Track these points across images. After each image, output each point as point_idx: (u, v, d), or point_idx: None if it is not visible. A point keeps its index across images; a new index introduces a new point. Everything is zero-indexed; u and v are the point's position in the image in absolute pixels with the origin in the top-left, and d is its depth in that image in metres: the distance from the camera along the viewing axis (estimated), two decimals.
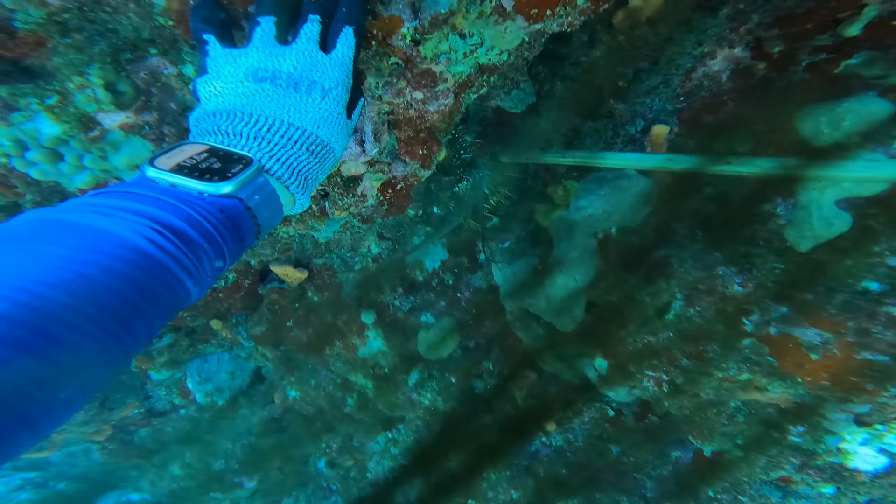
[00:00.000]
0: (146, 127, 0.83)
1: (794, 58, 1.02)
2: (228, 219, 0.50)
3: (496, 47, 0.91)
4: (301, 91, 0.62)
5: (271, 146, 0.60)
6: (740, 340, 0.98)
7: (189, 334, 2.06)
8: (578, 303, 1.09)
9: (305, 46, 0.62)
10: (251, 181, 0.54)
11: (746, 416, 1.09)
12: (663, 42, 1.27)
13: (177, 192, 0.49)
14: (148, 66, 0.79)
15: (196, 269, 0.46)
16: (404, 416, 2.00)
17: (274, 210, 0.60)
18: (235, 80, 0.61)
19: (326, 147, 0.66)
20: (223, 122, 0.60)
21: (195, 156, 0.53)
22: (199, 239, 0.46)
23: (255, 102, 0.60)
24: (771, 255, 0.93)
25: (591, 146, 1.42)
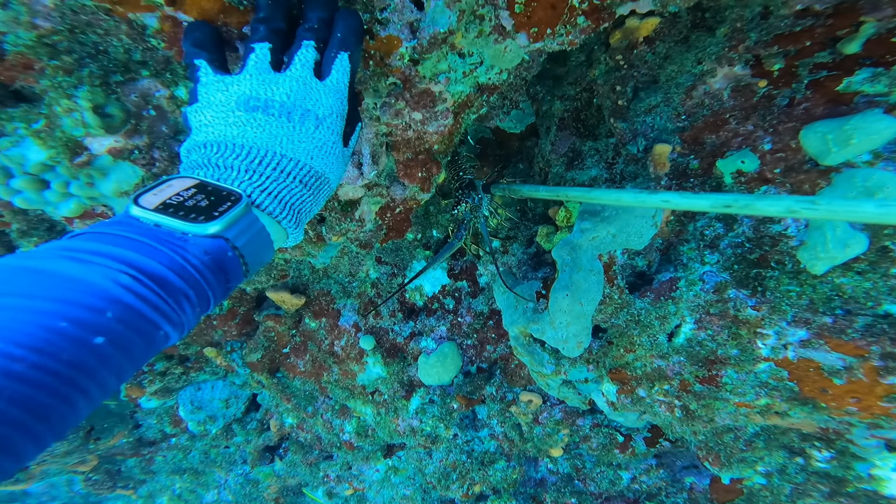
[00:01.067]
0: (136, 151, 0.80)
1: (794, 75, 1.00)
2: (213, 261, 0.48)
3: (496, 66, 0.90)
4: (294, 121, 0.60)
5: (263, 179, 0.58)
6: (756, 365, 0.93)
7: (182, 362, 2.01)
8: (585, 327, 1.05)
9: (300, 73, 0.60)
10: (239, 220, 0.52)
11: (766, 441, 1.03)
12: (662, 61, 1.27)
13: (160, 234, 0.47)
14: (139, 88, 0.76)
15: (176, 313, 0.45)
16: (405, 443, 1.93)
17: (263, 248, 0.57)
18: (227, 109, 0.58)
19: (321, 178, 0.64)
20: (213, 154, 0.58)
21: (182, 192, 0.51)
22: (180, 284, 0.44)
23: (247, 133, 0.58)
24: (784, 277, 0.90)
25: (593, 167, 1.41)
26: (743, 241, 0.99)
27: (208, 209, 0.50)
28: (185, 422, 2.24)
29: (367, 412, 1.88)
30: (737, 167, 1.02)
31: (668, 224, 1.13)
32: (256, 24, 0.61)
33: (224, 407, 2.25)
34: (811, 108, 0.95)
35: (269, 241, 0.58)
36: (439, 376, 1.68)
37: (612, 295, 1.06)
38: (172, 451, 2.49)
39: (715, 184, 1.09)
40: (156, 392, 2.05)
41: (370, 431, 1.98)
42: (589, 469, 1.63)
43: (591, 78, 1.44)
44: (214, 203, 0.51)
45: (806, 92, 0.97)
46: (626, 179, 1.29)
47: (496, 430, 1.71)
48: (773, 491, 1.12)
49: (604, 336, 1.13)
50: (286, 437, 2.36)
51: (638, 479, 1.54)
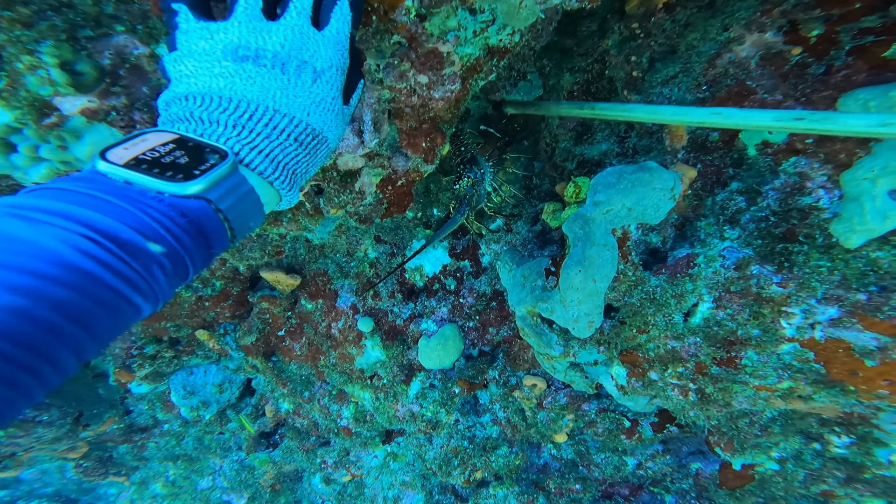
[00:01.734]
0: (113, 112, 0.72)
1: (835, 41, 0.93)
2: (192, 223, 0.43)
3: (509, 25, 0.82)
4: (289, 73, 0.53)
5: (253, 136, 0.52)
6: (779, 346, 0.89)
7: (173, 345, 1.94)
8: (597, 306, 1.00)
9: (295, 21, 0.53)
10: (224, 179, 0.46)
11: (783, 426, 1.00)
12: (682, 29, 1.20)
13: (130, 192, 0.41)
14: (114, 45, 0.69)
15: (146, 282, 0.40)
16: (405, 429, 1.90)
17: (252, 211, 0.51)
18: (211, 58, 0.52)
19: (318, 137, 0.58)
20: (196, 107, 0.51)
21: (158, 147, 0.45)
22: (150, 248, 0.39)
23: (235, 85, 0.52)
24: (814, 252, 0.85)
25: (603, 141, 1.34)
26: (767, 215, 0.94)
27: (188, 167, 0.44)
28: (177, 407, 2.19)
29: (365, 397, 1.83)
30: (762, 138, 0.96)
31: (686, 198, 1.08)
32: None
33: (218, 392, 2.20)
34: (851, 76, 0.89)
35: (259, 203, 0.52)
36: (440, 360, 1.63)
37: (625, 272, 1.01)
38: (165, 437, 2.45)
39: (737, 156, 1.04)
40: (146, 377, 1.98)
41: (368, 417, 1.94)
42: (594, 455, 1.60)
43: (603, 48, 1.37)
44: (196, 160, 0.45)
45: (847, 59, 0.90)
46: (640, 153, 1.23)
47: (499, 415, 1.68)
48: (786, 477, 1.10)
49: (616, 316, 1.09)
50: (282, 423, 2.32)
51: (643, 464, 1.51)
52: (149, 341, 1.89)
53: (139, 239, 0.39)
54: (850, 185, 0.83)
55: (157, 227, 0.40)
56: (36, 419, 2.07)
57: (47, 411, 2.10)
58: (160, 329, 1.80)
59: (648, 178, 0.93)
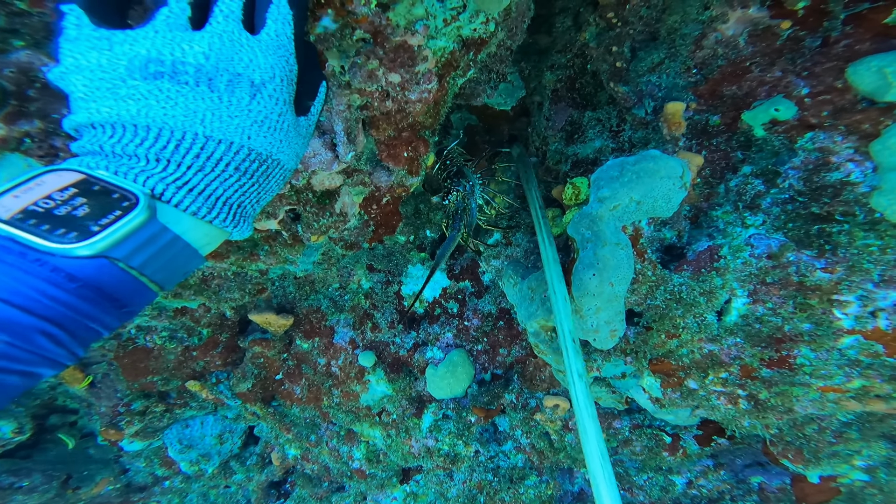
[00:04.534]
0: (27, 140, 0.64)
1: (825, 12, 0.87)
2: (87, 287, 0.37)
3: (482, 12, 0.74)
4: (219, 89, 0.44)
5: (182, 171, 0.43)
6: (839, 339, 0.78)
7: (163, 398, 1.82)
8: (618, 312, 0.89)
9: (223, 27, 0.44)
10: (134, 233, 0.38)
11: (860, 431, 0.88)
12: (659, 13, 1.14)
13: (6, 254, 0.34)
14: (14, 62, 0.60)
15: (31, 353, 0.36)
16: (422, 465, 1.76)
17: (182, 258, 0.43)
18: (112, 76, 0.42)
19: (266, 161, 0.49)
20: (107, 138, 0.42)
21: (55, 194, 0.37)
22: (29, 320, 0.35)
23: (152, 109, 0.42)
24: (858, 230, 0.75)
25: (596, 137, 1.26)
26: (792, 196, 0.84)
27: (86, 220, 0.36)
28: (176, 463, 2.06)
29: (375, 435, 1.70)
30: (770, 116, 0.88)
31: (696, 187, 0.98)
32: None
33: (218, 443, 2.07)
34: (854, 45, 0.82)
35: (190, 250, 0.43)
36: (451, 388, 1.51)
37: (644, 271, 0.90)
38: (167, 495, 2.29)
39: (743, 139, 0.95)
40: (136, 434, 1.85)
41: (382, 456, 1.81)
42: (634, 476, 1.46)
43: (581, 42, 1.31)
44: (99, 210, 0.37)
45: (844, 28, 0.84)
46: (637, 146, 1.15)
47: (521, 441, 1.54)
48: (881, 488, 0.96)
49: (639, 321, 0.98)
50: (291, 471, 2.18)
51: (694, 483, 1.37)
52: (136, 397, 1.77)
53: (11, 312, 0.34)
54: (883, 155, 0.74)
55: (34, 296, 0.35)
56: (14, 486, 1.92)
57: (28, 476, 1.96)
58: (147, 384, 1.68)
59: (653, 167, 0.84)
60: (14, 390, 0.37)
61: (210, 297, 1.15)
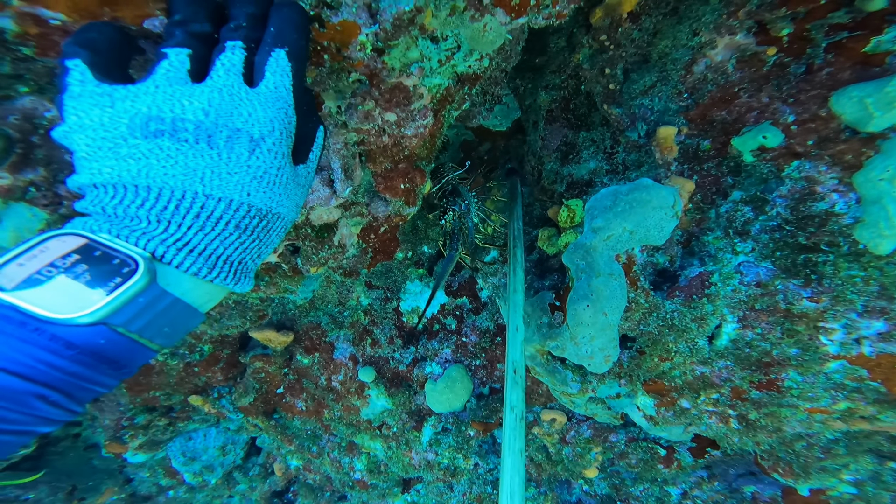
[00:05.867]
0: (31, 189, 0.65)
1: (808, 39, 0.89)
2: (85, 353, 0.38)
3: (476, 51, 0.76)
4: (218, 146, 0.44)
5: (182, 232, 0.43)
6: (825, 364, 0.80)
7: (166, 412, 1.83)
8: (612, 339, 0.91)
9: (223, 82, 0.45)
10: (133, 299, 0.39)
11: (847, 447, 0.90)
12: (651, 37, 1.16)
13: (5, 322, 0.36)
14: (19, 108, 0.61)
15: (27, 415, 0.38)
16: (422, 476, 1.78)
17: (181, 319, 0.44)
18: (114, 135, 0.43)
19: (267, 216, 0.49)
20: (109, 199, 0.43)
21: (59, 260, 0.38)
22: (24, 386, 0.37)
23: (152, 168, 0.43)
24: (842, 261, 0.77)
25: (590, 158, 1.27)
26: (780, 224, 0.86)
27: (89, 286, 0.38)
28: (180, 473, 2.08)
29: (376, 447, 1.72)
30: (758, 143, 0.89)
31: (688, 212, 1.00)
32: (171, 28, 0.47)
33: (221, 455, 2.09)
34: (836, 73, 0.84)
35: (190, 310, 0.44)
36: (450, 403, 1.53)
37: (637, 299, 0.92)
38: None
39: (733, 164, 0.97)
40: (140, 447, 1.87)
41: (383, 467, 1.83)
42: (631, 487, 1.48)
43: (575, 63, 1.32)
44: (98, 278, 0.38)
45: (826, 56, 0.85)
46: (630, 169, 1.16)
47: None
48: (869, 501, 0.98)
49: (633, 346, 0.99)
50: (293, 481, 2.20)
51: (689, 493, 1.39)
52: (139, 411, 1.79)
53: (1, 378, 0.36)
54: (865, 188, 0.76)
55: (31, 363, 0.36)
56: (20, 498, 1.95)
57: (34, 488, 1.97)
58: (150, 398, 1.70)
59: (646, 198, 0.86)
60: (10, 447, 0.39)
61: (211, 325, 1.17)
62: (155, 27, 0.51)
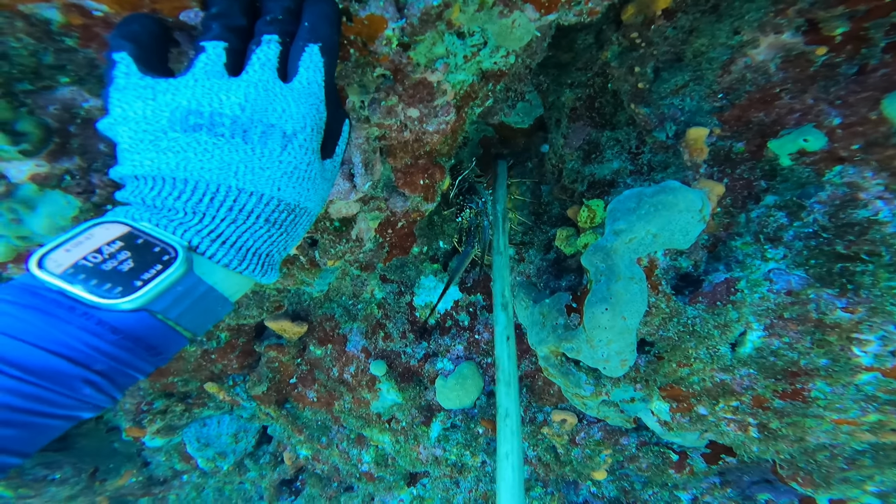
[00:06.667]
0: (66, 177, 0.65)
1: (864, 39, 0.84)
2: (128, 338, 0.39)
3: (503, 47, 0.74)
4: (252, 141, 0.45)
5: (215, 223, 0.45)
6: (856, 375, 0.77)
7: (183, 399, 1.87)
8: (629, 343, 0.89)
9: (258, 76, 0.46)
10: (172, 287, 0.40)
11: (874, 458, 0.87)
12: (686, 35, 1.12)
13: (57, 307, 0.37)
14: (58, 98, 0.62)
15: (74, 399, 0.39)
16: (429, 471, 1.79)
17: (211, 309, 0.45)
18: (155, 128, 0.44)
19: (295, 210, 0.50)
20: (148, 190, 0.44)
21: (104, 246, 0.39)
22: (74, 370, 0.38)
23: (190, 162, 0.44)
24: (883, 271, 0.74)
25: (614, 158, 1.25)
26: (816, 232, 0.83)
27: (131, 274, 0.39)
28: (194, 458, 2.13)
29: (385, 440, 1.74)
30: (798, 146, 0.86)
31: (715, 216, 0.97)
32: (208, 22, 0.47)
33: (233, 442, 2.13)
34: (893, 74, 0.80)
35: (222, 299, 0.45)
36: (460, 399, 1.53)
37: (657, 304, 0.90)
38: (185, 488, 2.38)
39: (768, 168, 0.93)
40: (158, 431, 1.92)
41: (390, 460, 1.84)
42: (639, 491, 1.46)
43: (603, 61, 1.29)
44: (142, 264, 0.39)
45: (884, 56, 0.81)
46: (656, 170, 1.13)
47: (528, 453, 1.55)
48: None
49: (651, 350, 0.97)
50: (302, 470, 2.23)
51: (700, 499, 1.37)
52: (158, 396, 1.83)
53: (57, 363, 0.37)
54: None
55: (81, 348, 0.37)
56: (47, 478, 2.01)
57: (59, 469, 2.04)
58: (168, 384, 1.74)
59: (672, 200, 0.83)
60: (56, 432, 0.40)
61: (230, 314, 1.18)
62: (190, 19, 0.51)
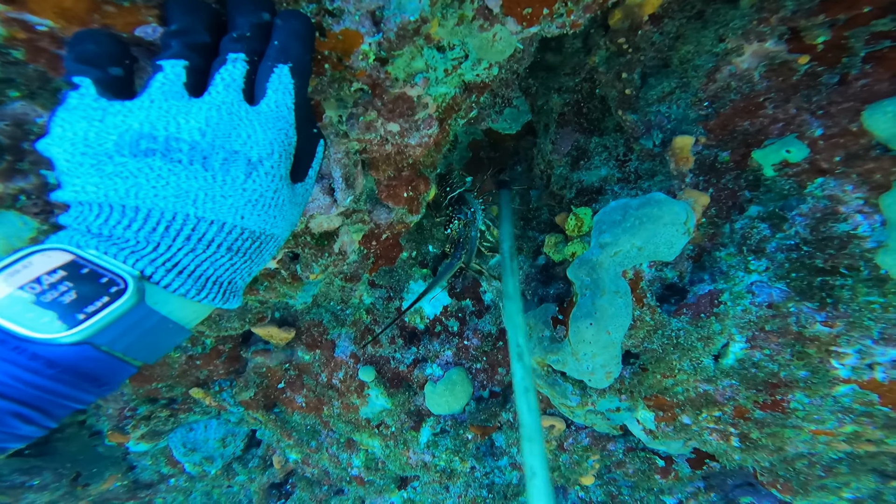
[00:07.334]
0: (22, 197, 0.63)
1: (845, 48, 0.84)
2: (66, 372, 0.37)
3: (484, 60, 0.73)
4: (213, 168, 0.42)
5: (171, 253, 0.42)
6: (834, 387, 0.78)
7: (168, 404, 1.85)
8: (614, 356, 0.89)
9: (222, 98, 0.42)
10: (119, 319, 0.38)
11: (850, 466, 0.88)
12: (672, 41, 1.11)
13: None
14: (9, 113, 0.59)
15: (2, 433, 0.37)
16: (419, 475, 1.79)
17: (167, 336, 0.43)
18: (97, 151, 0.41)
19: (260, 238, 0.48)
20: (94, 218, 0.41)
21: (43, 276, 0.36)
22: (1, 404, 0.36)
23: (141, 189, 0.41)
24: (861, 286, 0.74)
25: (602, 165, 1.24)
26: (798, 244, 0.83)
27: (72, 307, 0.36)
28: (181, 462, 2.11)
29: (374, 445, 1.73)
30: (781, 157, 0.86)
31: (700, 227, 0.97)
32: (167, 39, 0.44)
33: (221, 446, 2.11)
34: (873, 85, 0.79)
35: (176, 328, 0.43)
36: (449, 405, 1.53)
37: (642, 316, 0.90)
38: (172, 492, 2.35)
39: (752, 178, 0.93)
40: (142, 437, 1.89)
41: (380, 465, 1.84)
42: (626, 495, 1.47)
43: (591, 66, 1.28)
44: (84, 296, 0.37)
45: (864, 66, 0.81)
46: (643, 178, 1.13)
47: (517, 459, 1.56)
48: None
49: (636, 362, 0.98)
50: (292, 473, 2.22)
51: (685, 503, 1.38)
52: (141, 402, 1.80)
53: None
54: (892, 210, 0.73)
55: (9, 382, 0.36)
56: (25, 484, 1.98)
57: (38, 475, 2.01)
58: (152, 390, 1.71)
59: (657, 213, 0.83)
60: None
61: (210, 327, 1.16)
62: (147, 34, 0.48)
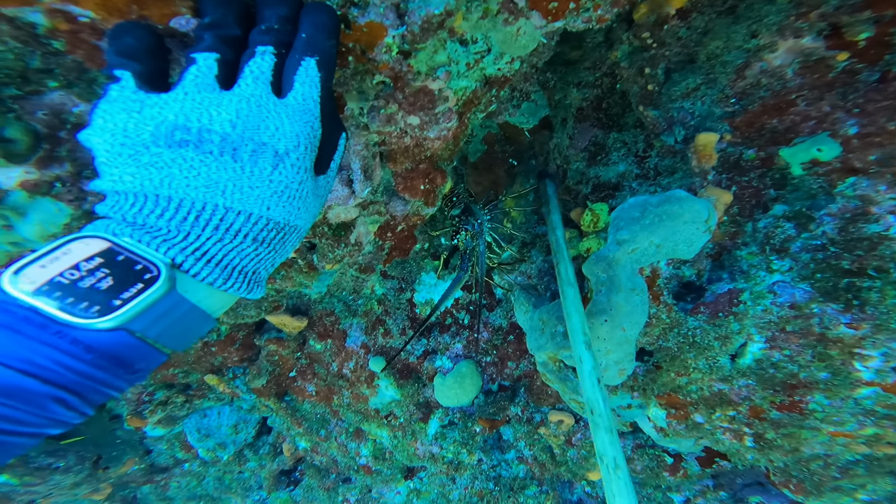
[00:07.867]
0: (57, 184, 0.64)
1: (888, 45, 0.81)
2: (103, 357, 0.38)
3: (507, 54, 0.72)
4: (242, 160, 0.44)
5: (200, 242, 0.43)
6: (855, 389, 0.77)
7: (183, 390, 1.89)
8: (628, 353, 0.88)
9: (251, 91, 0.44)
10: (152, 306, 0.39)
11: (867, 468, 0.87)
12: (700, 36, 1.08)
13: (28, 325, 0.36)
14: (47, 103, 0.60)
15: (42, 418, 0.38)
16: (426, 466, 1.81)
17: (193, 327, 0.44)
18: (135, 141, 0.42)
19: (284, 229, 0.49)
20: (129, 207, 0.43)
21: (81, 263, 0.38)
22: (43, 389, 0.37)
23: (174, 179, 0.42)
24: (890, 289, 0.72)
25: (620, 161, 1.22)
26: (824, 244, 0.81)
27: (109, 293, 0.37)
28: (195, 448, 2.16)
29: (383, 435, 1.75)
30: (811, 156, 0.84)
31: (721, 225, 0.96)
32: (200, 32, 0.46)
33: (233, 433, 2.16)
34: None
35: (204, 316, 0.44)
36: (458, 398, 1.53)
37: (658, 314, 0.89)
38: (186, 477, 2.42)
39: (778, 176, 0.91)
40: (159, 421, 1.94)
41: (388, 455, 1.86)
42: None
43: (612, 60, 1.25)
44: (122, 282, 0.38)
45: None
46: (662, 175, 1.11)
47: (524, 453, 1.57)
48: None
49: (650, 360, 0.97)
50: (301, 461, 2.26)
51: (692, 501, 1.38)
52: (159, 387, 1.84)
53: (25, 381, 0.36)
54: None
55: (51, 367, 0.36)
56: (52, 466, 2.04)
57: (63, 458, 2.07)
58: (169, 376, 1.75)
59: (678, 211, 0.82)
60: (20, 449, 0.39)
61: (228, 314, 1.18)
62: (181, 26, 0.49)
